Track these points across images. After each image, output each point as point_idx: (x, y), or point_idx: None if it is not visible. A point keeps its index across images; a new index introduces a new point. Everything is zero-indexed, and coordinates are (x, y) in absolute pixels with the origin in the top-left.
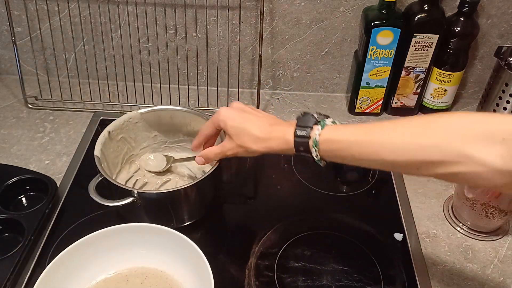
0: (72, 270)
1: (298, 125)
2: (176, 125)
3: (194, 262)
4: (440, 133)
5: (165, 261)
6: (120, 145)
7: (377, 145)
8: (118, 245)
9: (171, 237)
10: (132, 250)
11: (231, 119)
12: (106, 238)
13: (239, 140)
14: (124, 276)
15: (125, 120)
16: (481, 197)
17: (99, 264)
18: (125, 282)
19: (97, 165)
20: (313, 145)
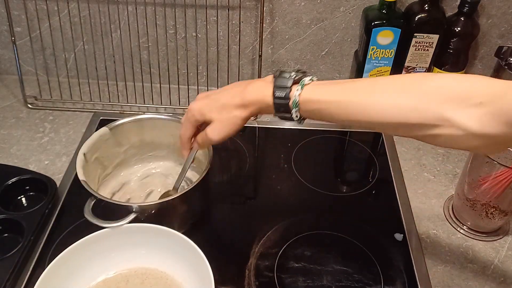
0: (72, 271)
1: (276, 85)
2: (146, 134)
3: (194, 262)
4: (419, 95)
5: (165, 261)
6: (94, 166)
7: (356, 106)
8: (118, 246)
9: (172, 238)
10: (133, 250)
11: (203, 106)
12: (107, 238)
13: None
14: (124, 276)
15: (96, 138)
16: (482, 197)
17: (99, 264)
18: (125, 283)
19: (87, 188)
20: (293, 106)
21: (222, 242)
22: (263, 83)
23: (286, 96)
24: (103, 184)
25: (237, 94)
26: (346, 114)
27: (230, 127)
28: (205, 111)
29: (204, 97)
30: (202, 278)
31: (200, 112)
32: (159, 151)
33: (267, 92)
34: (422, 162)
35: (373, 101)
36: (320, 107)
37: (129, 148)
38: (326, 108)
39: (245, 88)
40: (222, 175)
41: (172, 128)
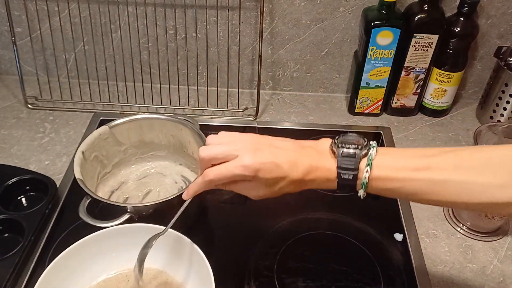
0: (72, 270)
1: (342, 167)
2: (146, 134)
3: (194, 262)
4: (504, 171)
5: (166, 261)
6: (93, 164)
7: (436, 184)
8: (119, 245)
9: (172, 238)
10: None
11: (263, 167)
12: (107, 238)
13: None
14: (124, 276)
15: (96, 137)
16: None
17: (100, 264)
18: (125, 282)
19: (83, 187)
20: (361, 187)
21: (222, 242)
22: (326, 155)
23: (354, 178)
24: (102, 182)
25: (295, 167)
26: (425, 193)
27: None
28: (263, 177)
29: (254, 143)
30: (202, 278)
31: (255, 170)
32: (158, 151)
33: (330, 166)
34: None
35: (456, 178)
36: (393, 185)
37: (129, 148)
38: (401, 187)
39: (301, 156)
40: None
41: (172, 128)
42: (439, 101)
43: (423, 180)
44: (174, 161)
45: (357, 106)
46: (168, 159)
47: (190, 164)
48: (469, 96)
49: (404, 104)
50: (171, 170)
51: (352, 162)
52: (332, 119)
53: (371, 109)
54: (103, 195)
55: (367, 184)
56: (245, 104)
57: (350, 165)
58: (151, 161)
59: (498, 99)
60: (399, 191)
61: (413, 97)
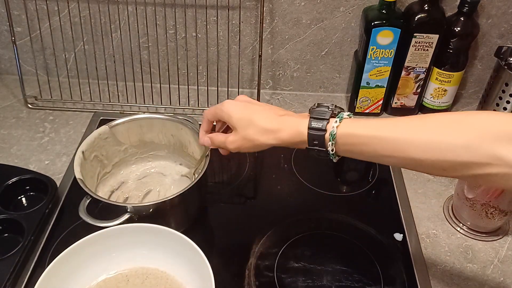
0: (73, 270)
1: (313, 116)
2: (146, 134)
3: (195, 262)
4: (470, 133)
5: (166, 261)
6: (93, 164)
7: (403, 141)
8: (119, 245)
9: (172, 238)
10: (133, 250)
11: (235, 111)
12: (108, 238)
13: (245, 132)
14: (124, 276)
15: (96, 137)
16: (481, 197)
17: (100, 264)
18: (125, 282)
19: (83, 187)
20: (330, 138)
21: (222, 242)
22: (300, 117)
23: (323, 127)
24: (102, 182)
25: (271, 117)
26: (391, 150)
27: (250, 148)
28: (235, 115)
29: (243, 100)
30: (202, 278)
31: (228, 115)
32: (158, 151)
33: (303, 122)
34: None
35: (422, 136)
36: (360, 141)
37: (129, 147)
38: (368, 143)
39: (280, 115)
40: (222, 175)
41: (172, 128)
42: (439, 101)
43: (390, 137)
44: (174, 161)
45: (357, 106)
46: (168, 159)
47: (190, 164)
48: (469, 96)
49: (404, 104)
50: (171, 170)
51: (323, 114)
52: None
53: (371, 109)
54: (103, 195)
55: (335, 136)
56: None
57: (321, 115)
58: (151, 161)
59: (499, 99)
60: (367, 148)
61: (413, 97)
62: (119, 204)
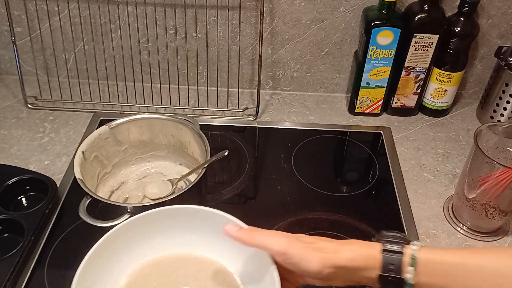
0: (117, 252)
1: (385, 240)
2: (146, 134)
3: (253, 254)
4: None
5: (216, 248)
6: (93, 164)
7: (495, 271)
8: (170, 228)
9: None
10: (182, 234)
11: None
12: (160, 219)
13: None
14: (170, 261)
15: (96, 137)
16: (481, 197)
17: (145, 247)
18: (173, 268)
19: (83, 187)
20: (410, 263)
21: None
22: (363, 242)
23: (400, 249)
24: (102, 182)
25: (329, 242)
26: (481, 281)
27: None
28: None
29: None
30: (261, 273)
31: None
32: (158, 151)
33: (372, 246)
34: (422, 162)
35: None
36: (445, 270)
37: (129, 148)
38: (453, 273)
39: (339, 244)
40: (222, 175)
41: (172, 128)
42: (439, 101)
43: (479, 266)
44: (174, 161)
45: (357, 106)
46: (168, 159)
47: (190, 164)
48: (469, 96)
49: (404, 104)
50: (171, 170)
51: (399, 239)
52: (332, 119)
53: (371, 109)
54: (103, 195)
55: (416, 261)
56: (245, 104)
57: (396, 240)
58: (151, 161)
59: (499, 99)
60: (451, 278)
61: (413, 97)
62: (119, 204)
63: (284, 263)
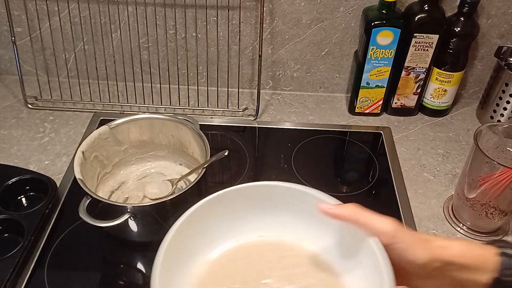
0: (203, 227)
1: (501, 245)
2: (146, 134)
3: (354, 242)
4: None
5: (316, 241)
6: (93, 165)
7: None
8: (256, 208)
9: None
10: (275, 216)
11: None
12: (246, 197)
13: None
14: (258, 247)
15: (96, 137)
16: (481, 197)
17: (235, 226)
18: (260, 255)
19: (83, 187)
20: None
21: None
22: (476, 245)
23: None
24: (102, 182)
25: (437, 239)
26: None
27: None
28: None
29: None
30: (364, 259)
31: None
32: (158, 151)
33: (486, 248)
34: (422, 162)
35: None
36: None
37: (129, 148)
38: None
39: (447, 239)
40: (222, 175)
41: (172, 128)
42: (439, 101)
43: None
44: (174, 161)
45: (357, 106)
46: (168, 159)
47: (190, 164)
48: (469, 96)
49: (404, 104)
50: (171, 170)
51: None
52: (332, 119)
53: (371, 109)
54: (103, 195)
55: None
56: (245, 104)
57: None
58: (151, 161)
59: (499, 99)
60: None
61: (413, 97)
62: (119, 204)
63: (390, 248)
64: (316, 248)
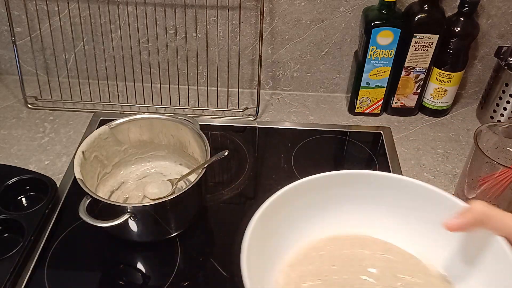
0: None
1: None
2: (146, 134)
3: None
4: None
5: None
6: (93, 165)
7: None
8: (359, 199)
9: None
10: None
11: None
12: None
13: None
14: (354, 242)
15: (96, 137)
16: (481, 197)
17: (327, 216)
18: (359, 260)
19: (83, 187)
20: None
21: (222, 242)
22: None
23: None
24: (102, 182)
25: None
26: None
27: None
28: None
29: None
30: (497, 278)
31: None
32: (158, 151)
33: None
34: (422, 162)
35: None
36: None
37: (129, 148)
38: None
39: None
40: (222, 175)
41: (172, 128)
42: (439, 101)
43: None
44: (174, 161)
45: (357, 106)
46: (168, 159)
47: (190, 164)
48: (469, 96)
49: (404, 104)
50: (171, 170)
51: None
52: (332, 119)
53: (371, 109)
54: (103, 195)
55: None
56: (245, 104)
57: None
58: (151, 161)
59: (499, 99)
60: None
61: (413, 97)
62: (119, 204)
63: None
64: (425, 251)
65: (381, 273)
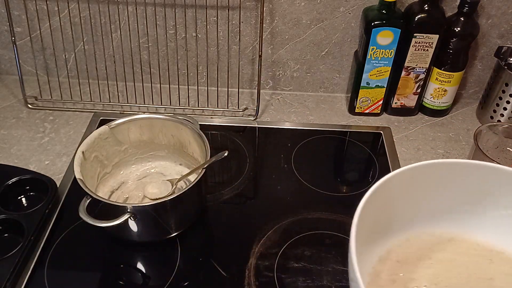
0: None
1: None
2: (146, 134)
3: None
4: None
5: None
6: (93, 165)
7: None
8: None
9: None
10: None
11: None
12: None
13: None
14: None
15: (96, 137)
16: None
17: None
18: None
19: (83, 187)
20: None
21: (222, 242)
22: None
23: None
24: (102, 182)
25: None
26: None
27: None
28: None
29: None
30: None
31: None
32: (158, 151)
33: None
34: None
35: None
36: None
37: (129, 148)
38: None
39: None
40: (222, 175)
41: (172, 128)
42: (439, 101)
43: None
44: (174, 161)
45: (357, 106)
46: (168, 159)
47: (190, 164)
48: (469, 96)
49: (404, 104)
50: (171, 170)
51: None
52: (332, 119)
53: (371, 109)
54: (103, 195)
55: None
56: (245, 104)
57: None
58: (151, 161)
59: (499, 99)
60: None
61: (413, 97)
62: (119, 204)
63: None
64: None
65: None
